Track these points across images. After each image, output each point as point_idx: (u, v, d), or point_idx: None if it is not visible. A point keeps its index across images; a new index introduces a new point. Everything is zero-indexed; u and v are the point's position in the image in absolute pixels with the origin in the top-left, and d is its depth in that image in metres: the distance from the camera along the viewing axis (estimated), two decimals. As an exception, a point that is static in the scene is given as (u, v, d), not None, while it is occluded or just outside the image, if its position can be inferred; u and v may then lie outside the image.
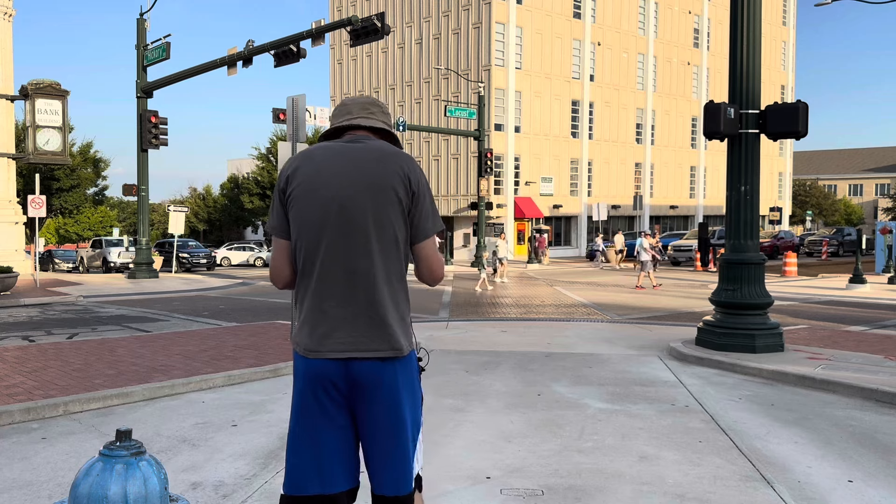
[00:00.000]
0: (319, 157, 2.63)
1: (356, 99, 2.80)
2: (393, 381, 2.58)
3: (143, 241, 25.91)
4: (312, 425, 2.60)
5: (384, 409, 2.58)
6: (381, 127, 2.75)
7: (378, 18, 20.04)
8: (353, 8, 53.84)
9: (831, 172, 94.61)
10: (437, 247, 2.70)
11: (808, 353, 9.06)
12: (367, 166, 2.58)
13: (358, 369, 2.55)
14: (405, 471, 2.61)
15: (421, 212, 2.60)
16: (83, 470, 2.32)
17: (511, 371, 8.43)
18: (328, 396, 2.58)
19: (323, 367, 2.56)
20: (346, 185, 2.56)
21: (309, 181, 2.59)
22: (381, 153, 2.62)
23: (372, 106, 2.77)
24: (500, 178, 45.57)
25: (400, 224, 2.58)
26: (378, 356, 2.55)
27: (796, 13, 65.73)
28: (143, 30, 25.64)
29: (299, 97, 10.71)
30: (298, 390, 2.63)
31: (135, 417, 6.38)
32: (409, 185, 2.58)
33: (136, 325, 13.34)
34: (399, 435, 2.60)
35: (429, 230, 2.62)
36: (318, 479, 2.59)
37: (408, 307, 2.67)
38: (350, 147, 2.64)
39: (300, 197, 2.59)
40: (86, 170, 48.30)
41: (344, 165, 2.59)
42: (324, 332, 2.57)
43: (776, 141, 10.31)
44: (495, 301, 17.96)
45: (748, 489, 4.58)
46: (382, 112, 2.79)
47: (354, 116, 2.74)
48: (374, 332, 2.55)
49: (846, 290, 20.38)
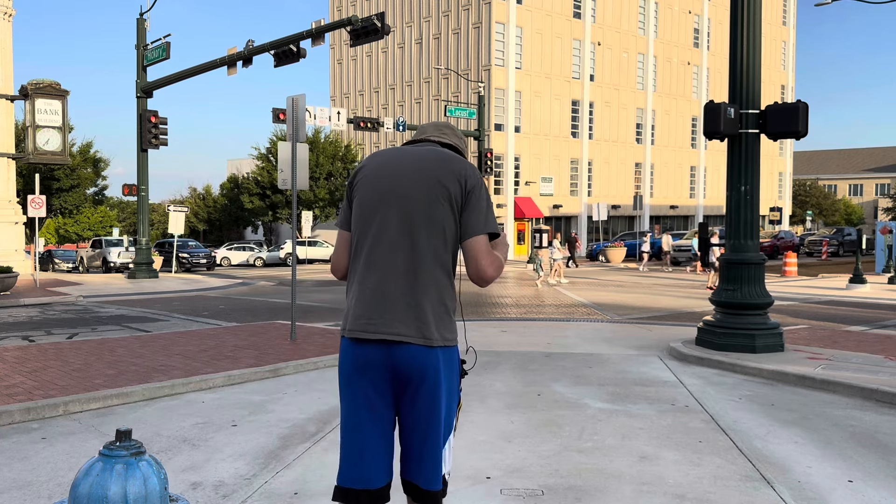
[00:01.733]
0: (385, 155, 2.81)
1: (434, 122, 3.07)
2: (434, 371, 2.63)
3: (143, 241, 25.91)
4: (359, 417, 2.68)
5: (422, 399, 2.65)
6: (449, 143, 2.93)
7: (378, 18, 20.04)
8: (353, 8, 53.84)
9: (831, 172, 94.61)
10: (490, 248, 2.70)
11: (808, 353, 9.06)
12: (426, 164, 2.72)
13: (399, 354, 2.61)
14: (437, 465, 2.70)
15: (473, 211, 2.68)
16: (83, 470, 2.32)
17: (511, 371, 8.43)
18: (371, 383, 2.66)
19: (365, 351, 2.65)
20: (402, 177, 2.70)
21: (371, 174, 2.76)
22: (443, 154, 2.76)
23: (445, 128, 2.99)
24: (500, 178, 45.57)
25: (450, 220, 2.66)
26: (410, 341, 2.60)
27: (796, 13, 65.76)
28: (143, 30, 25.64)
29: (299, 97, 10.70)
30: (344, 379, 2.71)
31: (135, 417, 6.38)
32: (465, 185, 2.68)
33: (135, 325, 13.34)
34: (433, 427, 2.67)
35: (478, 228, 2.67)
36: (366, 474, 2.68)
37: (453, 301, 2.71)
38: (414, 148, 2.81)
39: (362, 187, 2.75)
40: (86, 170, 48.25)
41: (404, 162, 2.75)
42: (363, 313, 2.65)
43: (776, 141, 10.31)
44: (495, 301, 17.96)
45: (748, 489, 4.58)
46: (455, 134, 2.99)
47: (428, 135, 2.95)
48: (409, 317, 2.61)
49: (846, 290, 20.38)
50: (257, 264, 41.87)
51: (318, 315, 14.71)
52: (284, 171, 10.79)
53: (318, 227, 49.98)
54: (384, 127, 32.67)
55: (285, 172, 10.78)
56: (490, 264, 2.66)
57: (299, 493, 4.49)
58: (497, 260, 2.70)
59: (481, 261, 2.64)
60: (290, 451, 5.35)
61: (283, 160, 10.77)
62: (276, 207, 49.76)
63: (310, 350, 9.50)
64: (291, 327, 10.60)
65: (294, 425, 6.06)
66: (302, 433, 5.82)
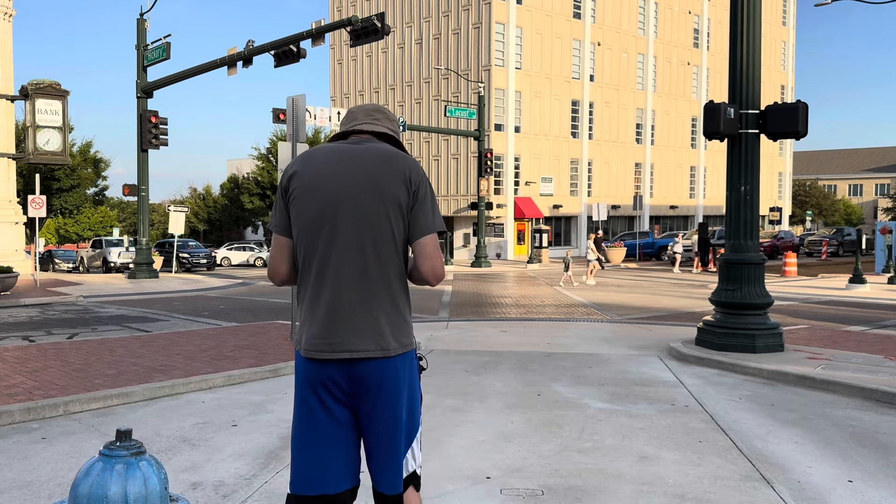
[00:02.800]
0: (320, 158, 2.67)
1: (363, 106, 2.87)
2: (394, 380, 2.60)
3: (144, 241, 25.91)
4: (315, 424, 2.62)
5: (382, 408, 2.61)
6: (384, 131, 2.79)
7: (378, 18, 20.04)
8: (353, 8, 53.84)
9: (831, 172, 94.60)
10: (439, 246, 2.70)
11: (808, 353, 9.06)
12: (367, 166, 2.61)
13: (357, 369, 2.58)
14: (398, 470, 2.65)
15: (420, 210, 2.61)
16: (83, 470, 2.32)
17: (511, 371, 8.43)
18: (330, 395, 2.61)
19: (321, 367, 2.59)
20: (344, 184, 2.59)
21: (309, 180, 2.62)
22: (382, 154, 2.65)
23: (377, 112, 2.83)
24: (500, 178, 45.57)
25: (399, 224, 2.59)
26: (368, 356, 2.56)
27: (796, 13, 65.73)
28: (143, 30, 25.64)
29: (299, 97, 10.70)
30: (300, 390, 2.66)
31: (135, 417, 6.38)
32: (410, 184, 2.60)
33: (136, 325, 13.34)
34: (395, 434, 2.62)
35: (428, 227, 2.61)
36: (322, 479, 2.61)
37: (407, 306, 2.68)
38: (351, 148, 2.68)
39: (300, 196, 2.62)
40: (86, 170, 48.28)
41: (343, 165, 2.62)
42: (319, 332, 2.59)
43: (776, 141, 10.31)
44: (495, 301, 17.96)
45: (748, 489, 4.58)
46: (387, 118, 2.84)
47: (359, 122, 2.80)
48: (366, 331, 2.57)
49: (846, 290, 20.37)
50: (257, 264, 41.87)
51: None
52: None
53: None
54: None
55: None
56: (442, 264, 2.66)
57: (299, 493, 4.48)
58: (442, 257, 2.71)
59: (435, 260, 2.62)
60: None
61: (283, 160, 10.78)
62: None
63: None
64: (291, 327, 10.61)
65: (294, 425, 6.06)
66: (302, 433, 5.82)
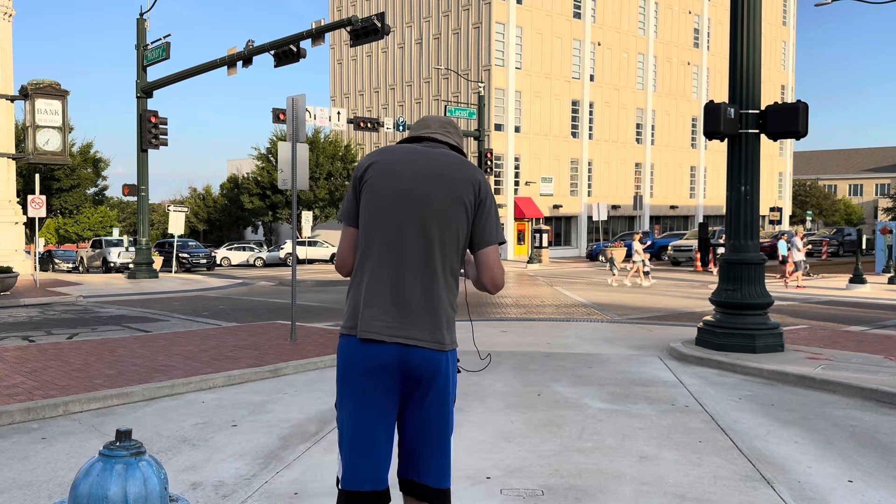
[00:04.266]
0: (398, 152, 2.76)
1: (437, 117, 2.99)
2: (444, 373, 2.67)
3: (143, 241, 25.91)
4: (368, 416, 2.64)
5: (432, 399, 2.67)
6: (454, 144, 2.91)
7: (378, 18, 20.04)
8: (353, 8, 53.84)
9: (831, 172, 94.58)
10: (499, 257, 2.82)
11: (808, 353, 9.06)
12: (443, 168, 2.71)
13: (413, 356, 2.62)
14: (447, 463, 2.74)
15: (486, 220, 2.74)
16: (83, 470, 2.32)
17: (511, 371, 8.43)
18: (380, 381, 2.63)
19: (378, 353, 2.61)
20: (419, 178, 2.68)
21: (385, 170, 2.70)
22: (458, 159, 2.77)
23: (449, 125, 2.95)
24: (500, 178, 45.57)
25: (463, 225, 2.70)
26: (425, 346, 2.62)
27: (796, 13, 65.74)
28: (143, 30, 25.64)
29: (299, 97, 10.70)
30: (350, 375, 2.65)
31: (135, 417, 6.38)
32: (479, 193, 2.72)
33: (136, 325, 13.34)
34: (445, 427, 2.71)
35: (493, 238, 2.75)
36: (373, 473, 2.66)
37: (456, 305, 2.77)
38: (428, 150, 2.78)
39: (374, 183, 2.69)
40: (86, 170, 48.24)
41: (420, 162, 2.72)
42: (379, 315, 2.62)
43: (776, 141, 10.31)
44: (495, 301, 17.96)
45: (748, 489, 4.58)
46: (458, 133, 2.97)
47: (433, 131, 2.90)
48: (426, 322, 2.63)
49: (846, 290, 20.37)
50: (257, 264, 41.87)
51: (318, 315, 14.71)
52: (284, 171, 10.79)
53: (318, 228, 49.97)
54: (384, 127, 32.67)
55: (285, 172, 10.78)
56: (502, 272, 2.80)
57: (299, 493, 4.49)
58: (503, 267, 2.84)
59: (497, 270, 2.76)
60: (290, 451, 5.36)
61: (283, 160, 10.78)
62: (276, 207, 49.75)
63: (310, 350, 9.50)
64: (291, 327, 10.60)
65: (294, 425, 6.06)
66: (302, 433, 5.82)
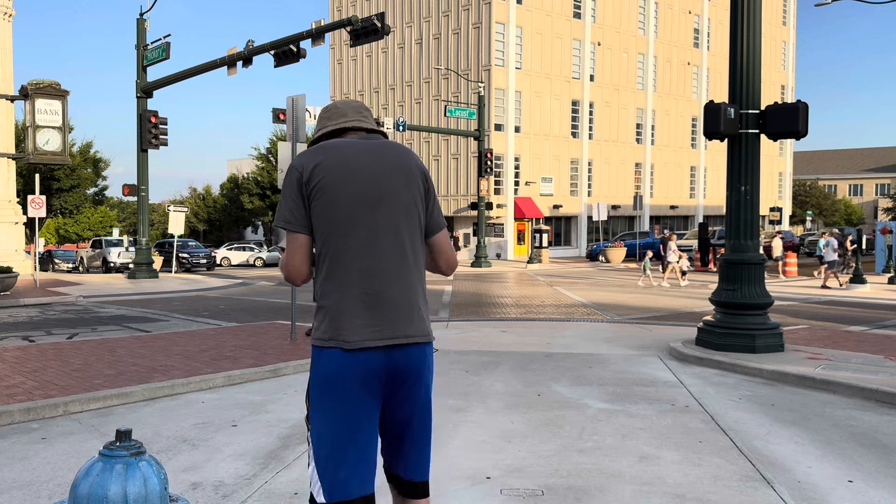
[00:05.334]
0: (343, 149, 2.65)
1: (348, 102, 2.89)
2: (429, 365, 2.69)
3: (143, 241, 25.91)
4: (353, 424, 2.56)
5: (417, 393, 2.66)
6: (376, 129, 2.85)
7: (378, 18, 20.04)
8: (353, 8, 53.83)
9: (831, 172, 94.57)
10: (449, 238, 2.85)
11: (808, 353, 9.06)
12: (393, 159, 2.68)
13: (401, 354, 2.60)
14: (429, 455, 2.78)
15: (434, 206, 2.76)
16: (83, 470, 2.32)
17: (511, 371, 8.43)
18: (368, 389, 2.57)
19: (366, 360, 2.54)
20: (376, 176, 2.63)
21: (337, 171, 2.60)
22: (399, 148, 2.74)
23: (364, 109, 2.90)
24: (500, 178, 45.57)
25: (422, 214, 2.71)
26: (415, 342, 2.62)
27: (796, 13, 65.72)
28: (143, 30, 25.64)
29: (299, 97, 10.71)
30: (342, 388, 2.55)
31: (135, 418, 6.38)
32: (425, 180, 2.73)
33: (135, 326, 13.34)
34: (428, 419, 2.73)
35: (441, 223, 2.79)
36: (361, 479, 2.59)
37: (426, 294, 2.79)
38: (369, 142, 2.72)
39: (329, 187, 2.59)
40: (86, 170, 48.27)
41: (371, 157, 2.66)
42: (364, 321, 2.56)
43: (776, 141, 10.31)
44: (495, 301, 17.96)
45: (748, 489, 4.58)
46: (371, 115, 2.93)
47: (350, 119, 2.82)
48: (411, 318, 2.63)
49: (846, 290, 20.38)
50: (257, 264, 41.86)
51: (318, 315, 14.69)
52: (284, 171, 10.80)
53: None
54: (384, 127, 32.68)
55: (285, 172, 10.79)
56: (454, 253, 2.84)
57: (299, 493, 4.49)
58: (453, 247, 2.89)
59: (450, 252, 2.82)
60: (290, 451, 5.36)
61: (283, 160, 10.79)
62: (276, 207, 49.78)
63: (310, 350, 9.48)
64: (291, 327, 10.61)
65: (294, 425, 6.06)
66: (302, 433, 5.82)
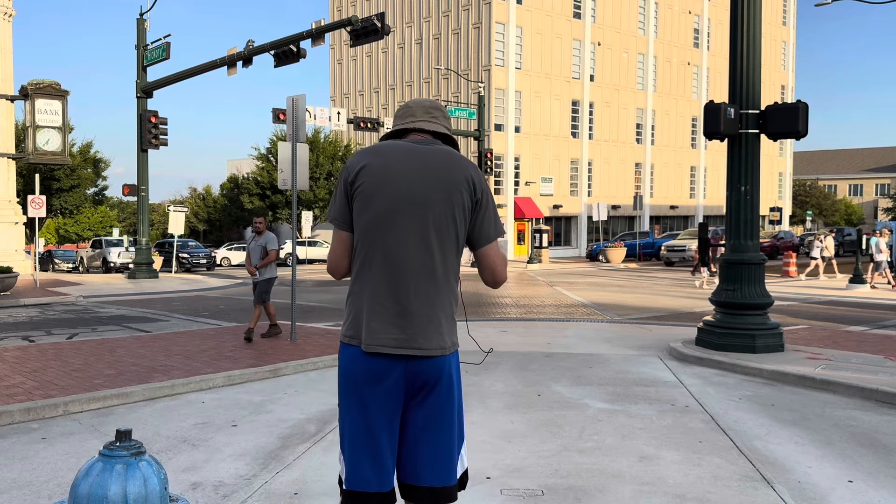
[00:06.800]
0: (390, 154, 2.66)
1: (420, 101, 2.86)
2: (448, 376, 2.65)
3: (143, 241, 25.90)
4: (369, 420, 2.61)
5: (435, 401, 2.64)
6: (442, 132, 2.81)
7: (378, 18, 20.04)
8: (353, 8, 53.83)
9: (831, 172, 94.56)
10: (500, 252, 2.77)
11: (808, 353, 9.06)
12: (437, 168, 2.64)
13: (417, 365, 2.60)
14: (450, 463, 2.70)
15: (484, 217, 2.69)
16: (83, 470, 2.32)
17: (511, 371, 8.43)
18: (384, 392, 2.60)
19: (382, 364, 2.59)
20: (415, 183, 2.61)
21: (378, 176, 2.62)
22: (451, 157, 2.69)
23: (435, 110, 2.84)
24: (500, 178, 45.57)
25: (462, 227, 2.65)
26: (431, 354, 2.60)
27: (796, 13, 65.71)
28: (143, 30, 25.63)
29: (299, 97, 10.70)
30: (352, 385, 2.63)
31: (135, 418, 6.38)
32: (475, 191, 2.66)
33: (135, 326, 13.34)
34: (449, 427, 2.68)
35: (492, 235, 2.71)
36: (376, 476, 2.62)
37: (457, 306, 2.74)
38: (419, 148, 2.69)
39: (368, 191, 2.61)
40: (86, 170, 48.21)
41: (414, 164, 2.64)
42: (383, 327, 2.58)
43: (776, 141, 10.31)
44: (495, 301, 17.96)
45: (748, 489, 4.58)
46: (444, 116, 2.87)
47: (418, 119, 2.80)
48: (430, 330, 2.61)
49: (846, 290, 20.38)
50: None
51: (318, 315, 14.70)
52: (284, 171, 10.80)
53: (318, 228, 49.96)
54: (384, 127, 32.66)
55: (285, 172, 10.79)
56: (505, 269, 2.77)
57: (299, 493, 4.49)
58: (505, 260, 2.80)
59: (499, 267, 2.73)
60: (290, 451, 5.35)
61: (283, 160, 10.78)
62: (276, 207, 49.74)
63: (310, 350, 9.50)
64: (291, 327, 10.61)
65: (294, 425, 6.06)
66: (302, 433, 5.82)
